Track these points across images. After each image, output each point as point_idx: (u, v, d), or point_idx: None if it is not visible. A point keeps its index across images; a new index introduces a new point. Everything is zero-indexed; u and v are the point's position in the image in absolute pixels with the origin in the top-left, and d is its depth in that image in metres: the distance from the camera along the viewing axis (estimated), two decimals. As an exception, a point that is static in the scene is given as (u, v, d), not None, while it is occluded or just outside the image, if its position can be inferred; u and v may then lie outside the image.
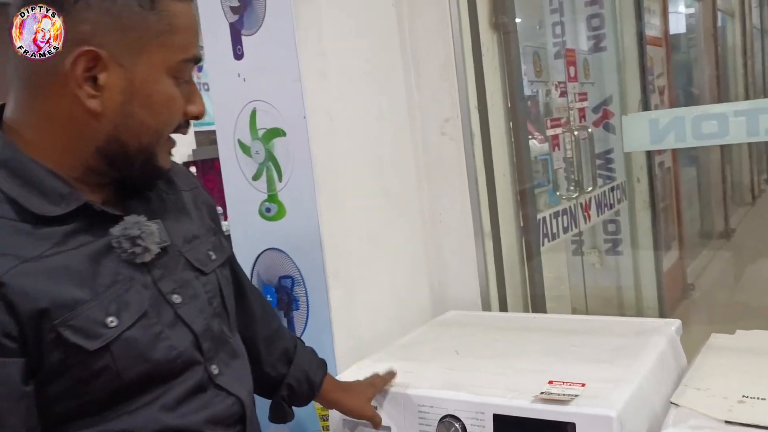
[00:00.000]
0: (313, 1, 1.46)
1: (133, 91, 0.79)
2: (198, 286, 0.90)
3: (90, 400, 0.78)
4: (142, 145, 0.82)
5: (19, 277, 0.72)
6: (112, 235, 0.80)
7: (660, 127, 1.50)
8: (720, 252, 4.69)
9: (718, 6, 4.90)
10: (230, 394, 0.90)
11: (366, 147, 1.63)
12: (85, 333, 0.75)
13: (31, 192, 0.77)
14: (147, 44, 0.79)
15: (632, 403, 1.13)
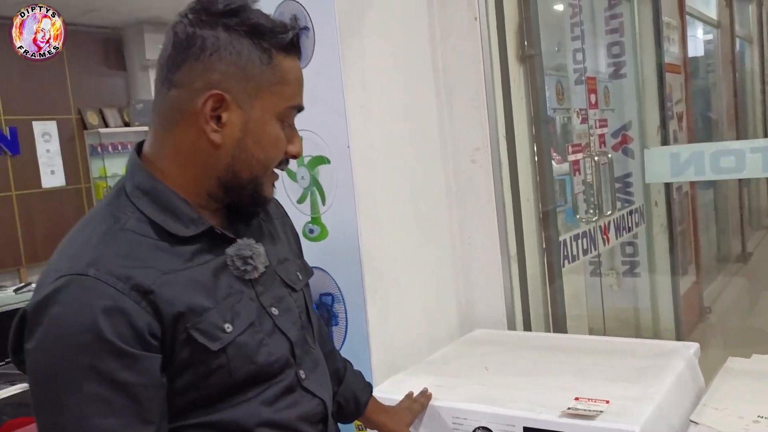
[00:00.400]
0: (358, 40, 1.58)
1: (248, 129, 0.93)
2: (290, 301, 1.03)
3: (206, 394, 0.90)
4: (252, 175, 0.95)
5: (162, 286, 0.85)
6: (227, 254, 0.94)
7: (681, 161, 1.60)
8: (737, 276, 4.72)
9: (737, 32, 4.97)
10: (315, 396, 1.02)
11: (402, 174, 1.74)
12: (209, 335, 0.88)
13: (168, 216, 0.91)
14: (262, 92, 0.93)
15: (654, 419, 1.22)
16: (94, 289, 0.81)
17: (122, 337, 0.81)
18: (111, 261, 0.84)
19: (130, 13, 6.77)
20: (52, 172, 6.77)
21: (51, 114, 6.78)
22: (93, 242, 0.87)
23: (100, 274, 0.82)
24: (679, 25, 3.72)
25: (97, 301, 0.81)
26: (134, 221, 0.90)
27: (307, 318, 1.07)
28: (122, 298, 0.82)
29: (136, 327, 0.82)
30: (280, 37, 0.93)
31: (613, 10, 3.43)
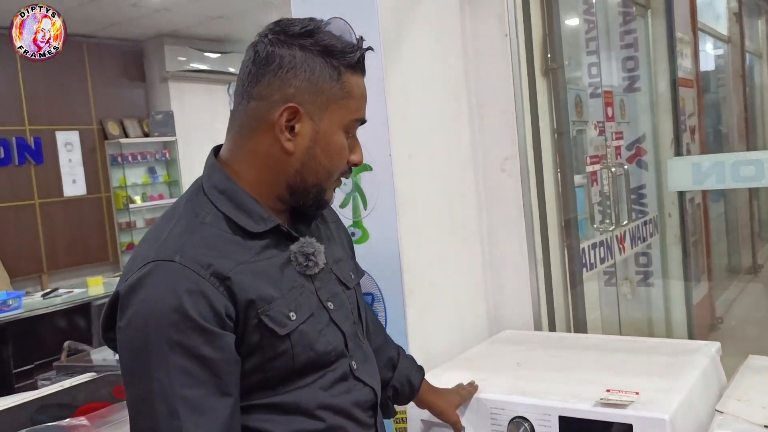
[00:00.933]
0: (400, 57, 1.68)
1: (317, 139, 1.03)
2: (344, 297, 1.12)
3: (271, 376, 0.99)
4: (318, 180, 1.05)
5: (237, 275, 0.95)
6: (291, 251, 1.04)
7: (702, 170, 1.69)
8: (748, 287, 4.77)
9: (747, 47, 5.05)
10: (366, 384, 1.11)
11: (437, 181, 1.85)
12: (277, 321, 0.97)
13: (241, 213, 1.01)
14: (331, 105, 1.03)
15: (682, 409, 1.31)
16: (179, 274, 0.91)
17: (204, 316, 0.90)
18: (193, 250, 0.94)
19: (151, 26, 6.93)
20: (73, 181, 6.92)
21: (73, 124, 6.94)
22: (176, 233, 0.97)
23: (185, 261, 0.92)
24: (691, 41, 3.80)
25: (182, 284, 0.91)
26: (211, 217, 0.99)
27: (358, 314, 1.16)
28: (203, 282, 0.92)
29: (215, 308, 0.92)
30: (349, 57, 1.04)
31: (628, 25, 3.51)
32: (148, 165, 7.59)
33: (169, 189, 7.80)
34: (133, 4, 6.12)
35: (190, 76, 7.64)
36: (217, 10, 6.56)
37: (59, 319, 4.41)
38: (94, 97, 7.11)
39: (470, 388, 1.48)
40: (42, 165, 6.66)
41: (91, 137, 7.10)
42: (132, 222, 7.40)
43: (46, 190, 6.69)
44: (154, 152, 7.57)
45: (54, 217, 6.74)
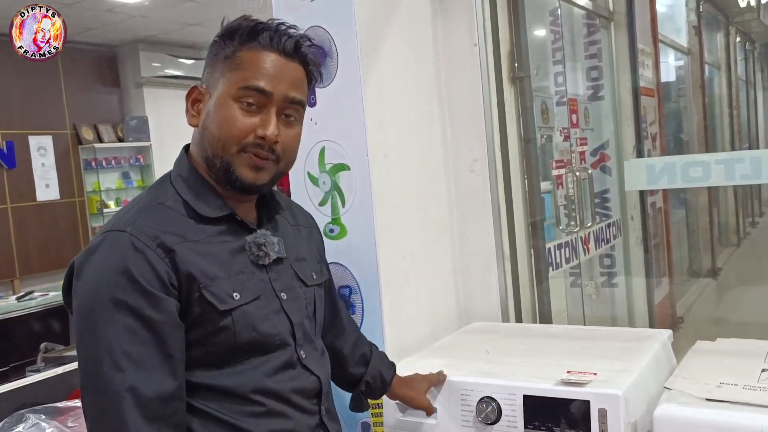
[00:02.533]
0: (376, 63, 1.80)
1: (209, 110, 1.11)
2: (300, 292, 1.20)
3: (213, 351, 1.06)
4: (214, 151, 1.10)
5: (182, 250, 1.04)
6: (246, 240, 1.13)
7: (656, 171, 1.83)
8: (707, 289, 4.95)
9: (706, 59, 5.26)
10: (312, 373, 1.18)
11: (411, 181, 1.96)
12: (218, 298, 1.05)
13: (198, 199, 1.10)
14: (222, 79, 1.11)
15: (634, 386, 1.43)
16: (128, 242, 1.00)
17: (148, 280, 0.99)
18: (145, 224, 1.03)
19: (126, 32, 6.96)
20: (46, 185, 6.90)
21: (47, 129, 6.93)
22: (134, 211, 1.07)
23: (134, 231, 1.02)
24: (652, 52, 3.95)
25: (129, 251, 1.00)
26: (172, 201, 1.09)
27: (313, 312, 1.24)
28: (149, 251, 1.00)
29: (158, 274, 1.00)
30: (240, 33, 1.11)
31: (592, 36, 3.65)
32: (122, 170, 7.60)
33: (142, 194, 7.79)
34: (109, 9, 6.15)
35: (165, 82, 7.68)
36: (193, 17, 6.62)
37: (34, 322, 4.41)
38: (68, 101, 7.11)
39: (439, 375, 1.56)
40: (14, 169, 6.63)
41: (64, 142, 7.10)
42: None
43: (19, 195, 6.67)
44: (129, 157, 7.58)
45: (26, 222, 6.72)
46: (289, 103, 1.12)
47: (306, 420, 1.15)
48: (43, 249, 6.84)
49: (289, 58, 1.12)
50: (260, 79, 1.08)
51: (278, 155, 1.12)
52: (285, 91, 1.10)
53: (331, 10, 1.77)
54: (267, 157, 1.10)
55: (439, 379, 1.57)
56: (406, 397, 1.52)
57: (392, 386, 1.51)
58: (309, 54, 1.15)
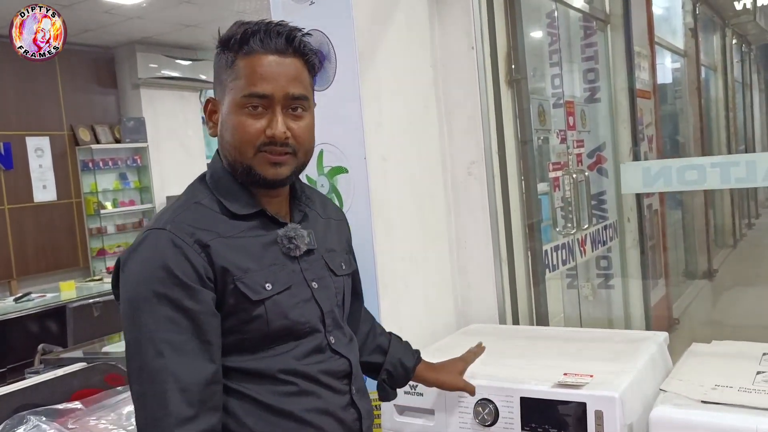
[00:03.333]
0: (374, 66, 1.81)
1: (222, 121, 1.17)
2: (330, 282, 1.25)
3: (248, 338, 1.13)
4: (233, 156, 1.16)
5: (216, 245, 1.11)
6: (277, 234, 1.18)
7: (651, 174, 1.85)
8: (703, 291, 4.96)
9: (702, 61, 5.27)
10: (342, 356, 1.23)
11: (408, 183, 1.97)
12: (251, 289, 1.12)
13: (229, 198, 1.17)
14: (227, 90, 1.16)
15: (630, 388, 1.45)
16: (167, 239, 1.08)
17: (186, 274, 1.06)
18: (183, 222, 1.11)
19: (123, 33, 6.95)
20: (44, 186, 6.88)
21: (44, 130, 6.91)
22: (173, 209, 1.15)
23: (173, 229, 1.09)
24: (648, 54, 3.97)
25: (169, 247, 1.07)
26: (208, 199, 1.16)
27: (342, 300, 1.29)
28: (187, 247, 1.08)
29: (195, 268, 1.07)
30: (234, 41, 1.15)
31: (589, 39, 3.66)
32: (119, 171, 7.58)
33: (140, 195, 7.79)
34: (107, 11, 6.15)
35: (162, 83, 7.67)
36: (190, 18, 6.62)
37: (32, 324, 4.41)
38: (65, 102, 7.10)
39: (476, 349, 1.58)
40: (12, 170, 6.62)
41: (61, 143, 7.08)
42: (103, 227, 7.38)
43: (16, 196, 6.65)
44: (126, 158, 7.57)
45: (24, 223, 6.70)
46: (291, 99, 1.16)
47: (336, 399, 1.21)
48: (41, 250, 6.83)
49: (282, 54, 1.15)
50: (258, 84, 1.13)
51: (293, 148, 1.17)
52: (284, 90, 1.14)
53: (330, 13, 1.78)
54: (282, 152, 1.15)
55: (477, 353, 1.57)
56: (438, 382, 1.52)
57: (421, 373, 1.51)
58: (302, 45, 1.17)
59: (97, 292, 4.72)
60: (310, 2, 1.83)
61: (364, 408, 1.27)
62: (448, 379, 1.51)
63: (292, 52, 1.16)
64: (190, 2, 6.11)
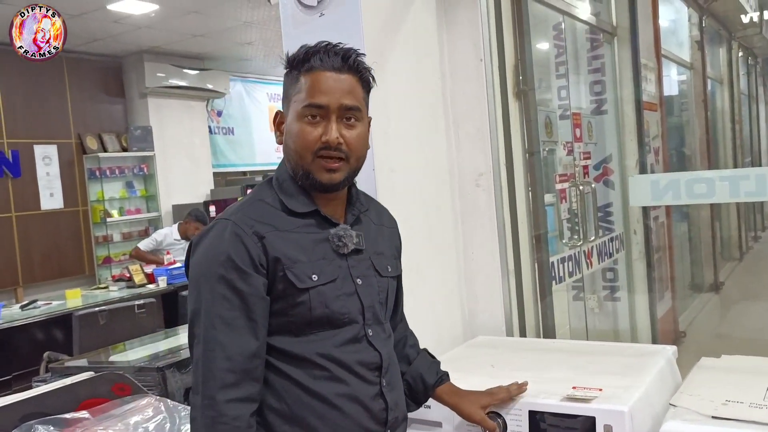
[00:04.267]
0: (382, 78, 1.80)
1: (286, 130, 1.32)
2: (374, 281, 1.36)
3: (293, 321, 1.25)
4: (295, 162, 1.31)
5: (271, 237, 1.25)
6: (329, 232, 1.31)
7: (660, 187, 1.84)
8: (710, 303, 4.95)
9: (708, 73, 5.28)
10: (375, 349, 1.32)
11: (416, 194, 1.97)
12: (298, 278, 1.25)
13: (290, 198, 1.31)
14: (290, 102, 1.31)
15: (639, 403, 1.44)
16: (230, 228, 1.24)
17: (242, 259, 1.21)
18: (245, 215, 1.26)
19: (132, 42, 7.00)
20: (51, 194, 6.91)
21: (52, 138, 6.95)
22: (238, 205, 1.31)
23: (237, 220, 1.25)
24: (655, 66, 3.97)
25: (230, 236, 1.23)
26: (270, 198, 1.32)
27: (385, 299, 1.39)
28: (246, 236, 1.23)
29: (251, 255, 1.22)
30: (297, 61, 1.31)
31: (595, 51, 3.68)
32: (125, 179, 7.61)
33: (146, 203, 7.81)
34: (116, 20, 6.19)
35: (169, 92, 7.71)
36: (198, 28, 6.66)
37: (37, 331, 4.42)
38: (73, 111, 7.14)
39: (513, 387, 1.54)
40: (19, 178, 6.65)
41: (69, 151, 7.12)
42: (109, 236, 7.40)
43: (23, 203, 6.68)
44: (132, 167, 7.59)
45: (30, 230, 6.72)
46: (345, 109, 1.29)
47: (365, 388, 1.30)
48: (47, 258, 6.84)
49: (339, 71, 1.29)
50: (316, 96, 1.28)
51: (346, 154, 1.29)
52: (338, 101, 1.28)
53: (339, 25, 1.79)
54: (336, 158, 1.28)
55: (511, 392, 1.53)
56: (457, 408, 1.52)
57: (442, 395, 1.52)
58: (357, 63, 1.31)
59: (102, 300, 4.73)
60: (320, 14, 1.84)
61: (392, 400, 1.34)
62: (468, 408, 1.50)
63: (347, 69, 1.30)
64: (198, 12, 6.15)
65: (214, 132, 8.61)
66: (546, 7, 3.06)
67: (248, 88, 9.19)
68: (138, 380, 1.68)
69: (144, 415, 1.49)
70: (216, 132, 8.67)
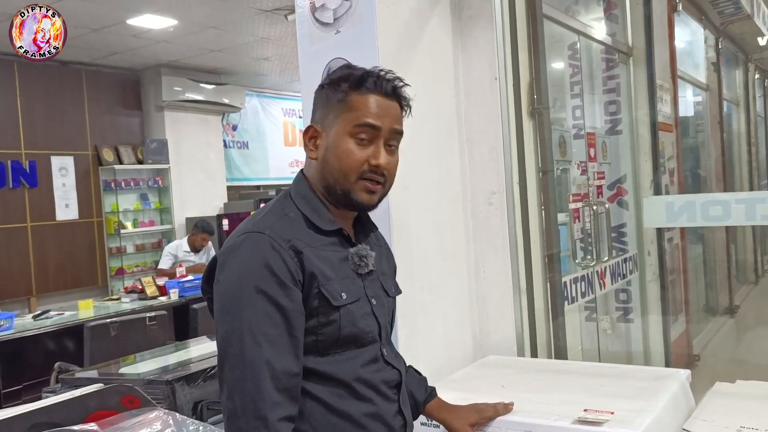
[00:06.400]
0: (398, 94, 1.82)
1: (328, 146, 1.30)
2: (384, 301, 1.37)
3: (321, 340, 1.23)
4: (336, 180, 1.29)
5: (307, 252, 1.23)
6: (350, 251, 1.31)
7: (675, 209, 1.83)
8: (724, 327, 4.88)
9: (724, 95, 5.26)
10: (393, 367, 1.34)
11: (429, 212, 1.97)
12: (332, 294, 1.24)
13: (315, 214, 1.30)
14: (337, 119, 1.29)
15: (652, 427, 1.41)
16: (267, 242, 1.20)
17: (283, 274, 1.19)
18: (279, 230, 1.23)
19: (149, 56, 7.09)
20: (66, 205, 6.97)
21: (69, 149, 7.03)
22: (266, 218, 1.27)
23: (273, 234, 1.22)
24: (671, 87, 3.96)
25: (269, 249, 1.20)
26: (294, 213, 1.29)
27: (391, 319, 1.42)
28: (284, 251, 1.20)
29: (290, 270, 1.20)
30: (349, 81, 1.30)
31: (611, 71, 3.67)
32: (140, 191, 7.67)
33: (160, 216, 7.87)
34: (135, 35, 6.28)
35: (186, 106, 7.79)
36: (216, 43, 6.73)
37: (49, 341, 4.44)
38: (90, 123, 7.22)
39: (499, 406, 1.55)
40: (36, 188, 6.73)
41: (85, 162, 7.19)
42: (122, 247, 7.45)
43: (39, 214, 6.75)
44: (147, 179, 7.66)
45: (45, 241, 6.78)
46: (394, 134, 1.32)
47: (387, 407, 1.31)
48: (60, 268, 6.89)
49: (389, 98, 1.32)
50: (370, 117, 1.28)
51: (385, 178, 1.31)
52: (390, 125, 1.30)
53: (355, 43, 1.80)
54: (379, 182, 1.30)
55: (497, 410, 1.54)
56: (445, 423, 1.53)
57: (431, 410, 1.54)
58: (403, 93, 1.35)
59: (114, 312, 4.75)
60: (336, 31, 1.86)
61: (408, 416, 1.37)
62: (456, 424, 1.51)
63: (395, 98, 1.33)
64: (216, 28, 6.22)
65: (228, 146, 8.68)
66: (562, 27, 3.07)
67: (264, 103, 9.27)
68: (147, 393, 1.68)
69: (152, 428, 1.48)
70: (230, 146, 8.73)
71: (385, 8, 1.81)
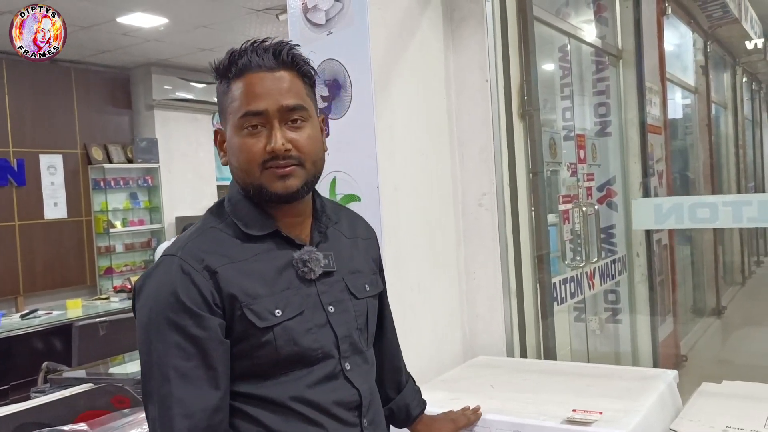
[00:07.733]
0: (389, 97, 1.83)
1: (228, 147, 1.17)
2: (349, 305, 1.21)
3: (258, 363, 1.11)
4: (244, 180, 1.15)
5: (225, 271, 1.09)
6: (293, 256, 1.16)
7: (663, 211, 1.85)
8: (712, 327, 4.92)
9: (713, 98, 5.30)
10: (353, 386, 1.19)
11: (419, 213, 1.98)
12: (258, 315, 1.10)
13: (245, 220, 1.16)
14: (227, 115, 1.16)
15: (639, 427, 1.43)
16: (177, 265, 1.09)
17: (194, 301, 1.06)
18: (194, 248, 1.11)
19: (140, 55, 7.05)
20: (54, 204, 6.93)
21: (57, 148, 6.98)
22: (187, 235, 1.16)
23: (184, 255, 1.09)
24: (660, 90, 3.99)
25: (178, 274, 1.08)
26: (224, 224, 1.16)
27: (365, 323, 1.25)
28: (195, 273, 1.08)
29: (203, 295, 1.07)
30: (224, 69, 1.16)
31: (601, 73, 3.69)
32: (129, 190, 7.63)
33: (149, 215, 7.83)
34: (125, 33, 6.25)
35: (176, 105, 7.76)
36: (206, 42, 6.71)
37: (37, 341, 4.41)
38: (80, 121, 7.18)
39: (471, 414, 1.54)
40: (24, 187, 6.68)
41: (74, 161, 7.15)
42: (111, 246, 7.41)
43: (27, 212, 6.70)
44: (137, 178, 7.62)
45: (33, 240, 6.74)
46: (287, 110, 1.14)
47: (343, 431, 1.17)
48: (49, 267, 6.85)
49: (272, 70, 1.14)
50: (251, 102, 1.13)
51: (298, 159, 1.14)
52: (278, 103, 1.13)
53: (347, 44, 1.81)
54: (286, 165, 1.13)
55: (470, 419, 1.53)
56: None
57: (417, 424, 1.49)
58: (291, 57, 1.16)
59: (103, 311, 4.73)
60: (328, 32, 1.86)
61: None
62: None
63: (282, 66, 1.15)
64: (207, 27, 6.20)
65: (218, 145, 8.64)
66: (552, 29, 3.08)
67: (254, 102, 9.23)
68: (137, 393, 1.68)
69: (143, 428, 1.48)
70: (221, 145, 8.70)
71: (377, 10, 1.82)
